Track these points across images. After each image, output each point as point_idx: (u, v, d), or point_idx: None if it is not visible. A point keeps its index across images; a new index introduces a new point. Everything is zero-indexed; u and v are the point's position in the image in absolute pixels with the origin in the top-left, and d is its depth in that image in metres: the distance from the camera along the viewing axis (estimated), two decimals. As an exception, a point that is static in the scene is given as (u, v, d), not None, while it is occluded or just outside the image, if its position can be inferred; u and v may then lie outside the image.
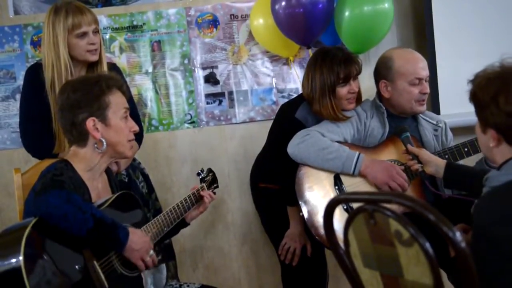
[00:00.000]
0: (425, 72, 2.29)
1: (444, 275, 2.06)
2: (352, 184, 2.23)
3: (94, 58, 2.25)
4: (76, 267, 1.60)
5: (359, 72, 2.37)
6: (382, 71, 2.34)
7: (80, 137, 1.78)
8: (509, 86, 1.37)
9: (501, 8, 2.98)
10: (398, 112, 2.34)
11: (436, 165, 2.08)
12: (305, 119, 2.39)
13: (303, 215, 2.23)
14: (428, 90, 2.29)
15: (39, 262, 1.51)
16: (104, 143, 1.77)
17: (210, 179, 2.25)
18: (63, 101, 1.78)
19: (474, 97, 1.45)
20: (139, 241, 1.73)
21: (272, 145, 2.52)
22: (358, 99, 2.43)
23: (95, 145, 1.78)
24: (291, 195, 2.27)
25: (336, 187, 2.23)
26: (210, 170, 2.29)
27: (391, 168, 2.18)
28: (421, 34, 3.10)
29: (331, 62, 2.31)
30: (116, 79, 1.87)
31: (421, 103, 2.30)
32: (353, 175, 2.21)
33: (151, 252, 1.77)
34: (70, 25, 2.17)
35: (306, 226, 2.29)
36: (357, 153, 2.20)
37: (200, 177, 2.23)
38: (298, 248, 2.46)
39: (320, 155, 2.20)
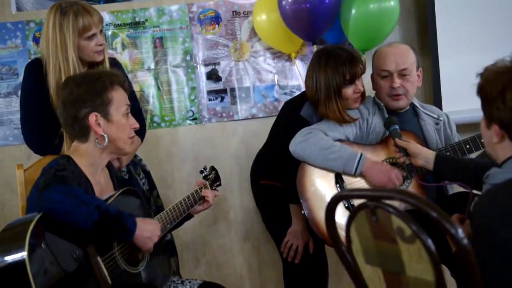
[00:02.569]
0: (393, 66, 2.27)
1: (446, 272, 2.06)
2: (353, 183, 2.23)
3: (100, 58, 2.25)
4: (80, 262, 1.60)
5: (363, 71, 2.34)
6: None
7: (82, 132, 1.79)
8: None
9: (504, 5, 2.97)
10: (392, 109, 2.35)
11: (425, 157, 2.07)
12: (310, 117, 2.37)
13: (304, 213, 2.23)
14: (396, 85, 2.26)
15: (43, 257, 1.51)
16: (106, 138, 1.77)
17: (213, 177, 2.25)
18: (66, 96, 1.78)
19: (481, 91, 1.44)
20: (149, 227, 1.73)
21: (274, 142, 2.51)
22: (362, 97, 2.43)
23: (97, 141, 1.78)
24: (294, 192, 2.27)
25: (338, 185, 2.23)
26: (213, 168, 2.29)
27: (391, 172, 2.18)
28: (424, 31, 3.10)
29: (335, 63, 2.27)
30: (118, 75, 1.87)
31: (394, 98, 2.29)
32: (354, 175, 2.21)
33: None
34: (80, 27, 2.15)
35: (308, 223, 2.29)
36: (359, 153, 2.19)
37: (203, 175, 2.23)
38: (301, 245, 2.46)
39: (322, 155, 2.20)
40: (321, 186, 2.23)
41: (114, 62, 2.40)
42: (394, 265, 1.23)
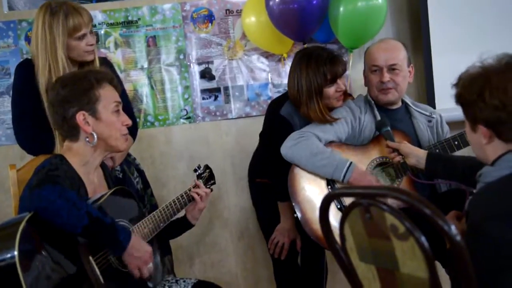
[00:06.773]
0: (383, 61, 2.29)
1: (441, 269, 2.06)
2: (344, 183, 2.23)
3: (91, 57, 2.24)
4: (72, 262, 1.59)
5: (345, 70, 2.37)
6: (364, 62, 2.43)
7: (72, 131, 1.79)
8: (492, 81, 1.39)
9: (497, 2, 2.98)
10: (382, 104, 2.35)
11: (417, 156, 2.10)
12: (290, 116, 2.39)
13: (297, 216, 2.22)
14: (385, 79, 2.28)
15: (34, 257, 1.50)
16: (95, 136, 1.77)
17: (207, 176, 2.25)
18: (53, 97, 1.79)
19: (461, 98, 1.49)
20: (141, 249, 1.72)
21: (263, 141, 2.55)
22: (345, 94, 2.43)
23: (87, 139, 1.78)
24: (282, 190, 2.27)
25: (329, 187, 2.23)
26: (207, 167, 2.29)
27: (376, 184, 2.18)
28: (416, 28, 3.10)
29: (316, 63, 2.29)
30: (105, 72, 1.86)
31: (383, 92, 2.32)
32: (342, 183, 2.20)
33: (150, 264, 1.75)
34: (71, 28, 2.14)
35: (297, 221, 2.29)
36: (348, 162, 2.18)
37: (197, 173, 2.23)
38: (287, 242, 2.47)
39: (311, 161, 2.20)
40: (312, 188, 2.23)
41: (105, 61, 2.39)
42: (388, 262, 1.24)
